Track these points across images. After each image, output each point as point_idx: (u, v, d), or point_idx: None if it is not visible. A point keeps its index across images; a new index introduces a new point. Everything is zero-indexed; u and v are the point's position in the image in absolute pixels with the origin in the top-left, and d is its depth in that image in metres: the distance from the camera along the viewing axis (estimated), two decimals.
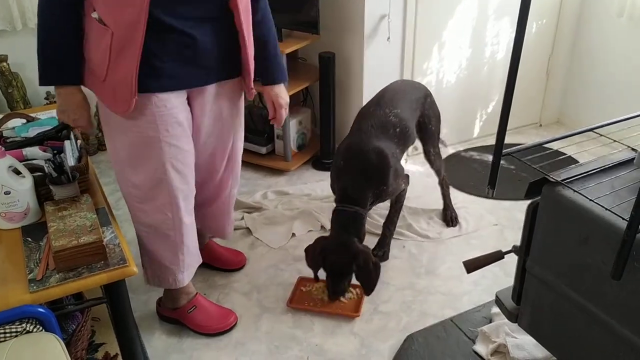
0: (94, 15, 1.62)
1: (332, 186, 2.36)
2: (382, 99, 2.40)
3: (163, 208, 1.84)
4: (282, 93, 2.01)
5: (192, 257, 2.02)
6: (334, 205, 2.26)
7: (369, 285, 2.18)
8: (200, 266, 2.47)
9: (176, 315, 2.16)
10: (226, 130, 1.97)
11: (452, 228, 2.74)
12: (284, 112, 2.04)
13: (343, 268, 2.17)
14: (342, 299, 2.27)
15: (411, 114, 2.41)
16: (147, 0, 1.52)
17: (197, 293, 2.17)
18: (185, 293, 2.13)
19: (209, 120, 1.90)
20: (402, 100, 2.40)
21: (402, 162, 2.44)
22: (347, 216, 2.19)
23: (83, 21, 1.66)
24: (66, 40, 1.66)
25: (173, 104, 1.73)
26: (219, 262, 2.47)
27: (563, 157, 1.78)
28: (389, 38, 3.00)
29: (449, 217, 2.77)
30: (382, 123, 2.28)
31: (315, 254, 2.20)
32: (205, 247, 2.42)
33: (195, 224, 2.00)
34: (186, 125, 1.80)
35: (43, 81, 1.70)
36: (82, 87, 1.75)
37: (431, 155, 2.61)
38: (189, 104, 1.82)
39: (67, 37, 1.65)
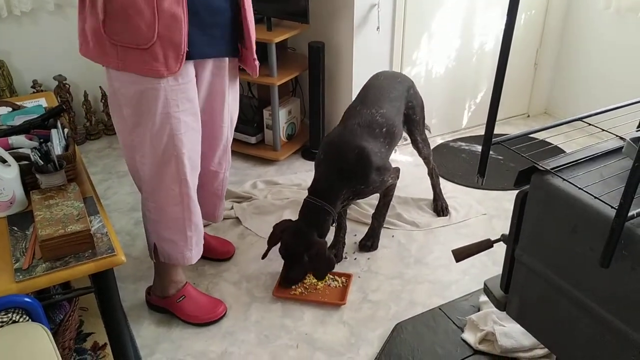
0: None
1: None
2: (366, 97, 2.39)
3: (172, 184, 1.87)
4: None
5: (199, 235, 2.04)
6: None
7: (317, 275, 2.23)
8: None
9: (165, 304, 2.16)
10: (226, 109, 2.03)
11: (441, 218, 2.75)
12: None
13: (293, 254, 2.21)
14: (322, 283, 2.31)
15: (397, 112, 2.41)
16: None
17: (186, 282, 2.17)
18: (175, 282, 2.13)
19: (205, 95, 1.95)
20: (387, 99, 2.39)
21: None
22: (312, 209, 2.20)
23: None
24: None
25: (185, 78, 1.77)
26: (208, 252, 2.46)
27: (550, 146, 1.79)
28: (378, 28, 2.99)
29: (440, 208, 2.79)
30: (369, 123, 2.27)
31: (276, 232, 2.26)
32: None
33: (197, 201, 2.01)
34: (195, 102, 1.84)
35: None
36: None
37: (419, 143, 2.63)
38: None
39: None
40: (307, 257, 2.18)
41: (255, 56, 1.97)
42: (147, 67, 1.70)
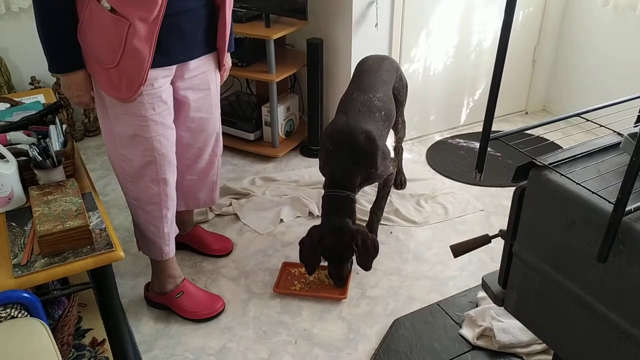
0: (105, 5, 1.64)
1: (321, 169, 2.36)
2: (362, 83, 2.41)
3: (151, 184, 1.91)
4: (228, 58, 2.12)
5: (171, 228, 2.06)
6: (323, 191, 2.26)
7: (367, 263, 2.23)
8: (188, 252, 2.47)
9: (164, 300, 2.16)
10: (214, 102, 2.06)
11: (438, 213, 2.76)
12: (225, 75, 2.13)
13: (343, 251, 2.19)
14: (327, 281, 2.30)
15: (390, 96, 2.46)
16: None
17: (184, 279, 2.17)
18: (173, 277, 2.13)
19: (195, 94, 1.98)
20: (381, 82, 2.43)
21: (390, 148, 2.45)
22: (338, 201, 2.19)
23: (79, 6, 1.69)
24: (68, 29, 1.70)
25: (160, 82, 1.80)
26: (206, 248, 2.47)
27: (548, 142, 1.79)
28: (376, 24, 2.99)
29: (399, 181, 2.92)
30: (368, 107, 2.29)
31: (314, 243, 2.18)
32: (192, 233, 2.45)
33: (175, 195, 2.04)
34: (170, 103, 1.88)
35: (53, 69, 1.79)
36: None
37: (399, 124, 2.70)
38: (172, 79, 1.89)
39: (69, 26, 1.70)
40: (355, 247, 2.18)
41: (226, 61, 2.04)
42: (106, 85, 1.76)
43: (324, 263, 2.26)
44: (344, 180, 2.20)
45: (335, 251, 2.19)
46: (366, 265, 2.23)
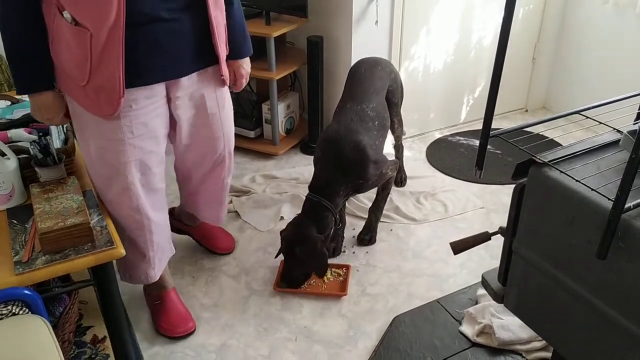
0: (66, 15, 1.51)
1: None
2: (355, 94, 2.39)
3: (130, 211, 1.79)
4: (244, 63, 1.99)
5: (163, 252, 1.97)
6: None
7: (316, 272, 2.26)
8: (190, 247, 2.48)
9: (147, 299, 2.17)
10: (215, 121, 1.91)
11: (438, 211, 2.76)
12: (244, 81, 2.02)
13: (289, 248, 2.21)
14: (327, 278, 2.32)
15: (383, 105, 2.44)
16: None
17: (172, 288, 2.13)
18: (159, 285, 2.10)
19: (190, 113, 1.84)
20: (374, 92, 2.41)
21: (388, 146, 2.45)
22: (312, 205, 2.22)
23: (47, 22, 1.56)
24: (34, 46, 1.56)
25: (141, 103, 1.65)
26: (209, 243, 2.46)
27: (547, 140, 1.79)
28: (377, 22, 2.99)
29: (399, 178, 2.93)
30: (361, 118, 2.29)
31: (287, 244, 2.24)
32: (199, 227, 2.45)
33: (167, 217, 1.95)
34: (154, 124, 1.73)
35: (19, 90, 1.63)
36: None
37: (395, 124, 2.69)
38: (167, 97, 1.76)
39: (35, 43, 1.56)
40: (298, 250, 2.17)
41: (224, 72, 1.83)
42: (85, 102, 1.62)
43: (330, 261, 2.29)
44: (324, 188, 2.22)
45: (286, 246, 2.23)
46: (315, 272, 2.27)
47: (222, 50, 1.79)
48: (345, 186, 2.22)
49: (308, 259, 2.19)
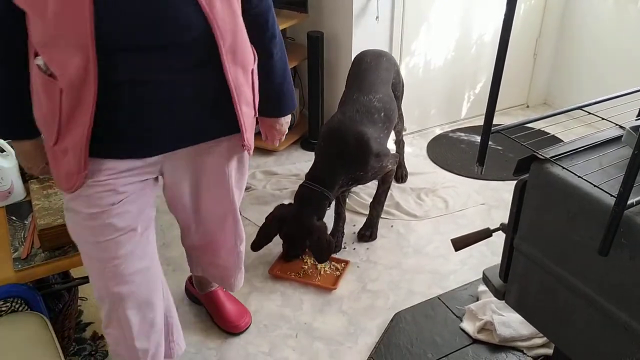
0: (38, 61, 1.24)
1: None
2: (362, 83, 2.39)
3: (101, 301, 1.48)
4: (283, 120, 1.73)
5: (151, 347, 1.57)
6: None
7: (319, 257, 2.27)
8: None
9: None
10: (220, 198, 1.60)
11: (439, 207, 2.75)
12: (280, 139, 1.80)
13: (296, 241, 2.26)
14: (323, 270, 2.34)
15: (390, 95, 2.45)
16: (92, 39, 1.14)
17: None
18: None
19: (190, 189, 1.55)
20: (380, 82, 2.42)
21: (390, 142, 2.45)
22: (310, 194, 2.23)
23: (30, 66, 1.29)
24: (12, 90, 1.32)
25: (119, 174, 1.36)
26: (219, 319, 2.08)
27: (548, 136, 1.79)
28: (377, 17, 2.98)
29: (400, 174, 2.91)
30: (367, 109, 2.30)
31: (273, 222, 2.26)
32: (209, 295, 2.09)
33: (160, 304, 1.56)
34: (134, 197, 1.40)
35: None
36: None
37: (396, 119, 2.67)
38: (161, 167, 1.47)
39: (13, 86, 1.31)
40: (309, 242, 2.23)
41: (246, 142, 1.49)
42: (52, 164, 1.38)
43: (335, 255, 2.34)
44: (323, 177, 2.23)
45: (290, 240, 2.28)
46: (317, 258, 2.28)
47: (245, 116, 1.44)
48: (345, 176, 2.24)
49: (317, 249, 2.23)
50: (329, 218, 2.34)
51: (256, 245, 2.30)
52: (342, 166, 2.21)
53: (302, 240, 2.25)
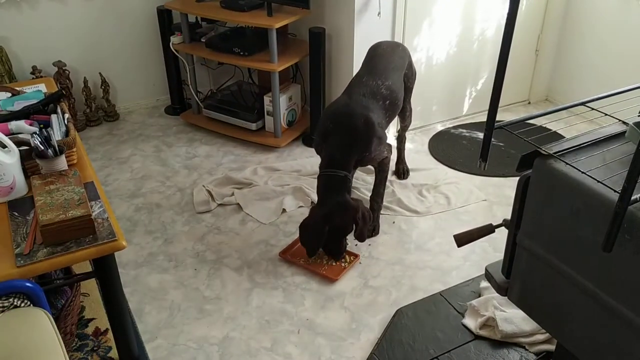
0: None
1: (317, 146, 2.41)
2: (374, 68, 2.43)
3: None
4: None
5: None
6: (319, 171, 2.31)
7: (363, 234, 2.31)
8: (191, 241, 2.47)
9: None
10: None
11: (441, 203, 2.75)
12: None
13: (347, 226, 2.27)
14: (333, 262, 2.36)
15: (400, 84, 2.47)
16: None
17: None
18: None
19: None
20: (392, 69, 2.44)
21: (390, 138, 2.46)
22: (337, 180, 2.25)
23: None
24: None
25: None
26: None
27: (550, 132, 1.78)
28: (379, 13, 2.97)
29: (401, 170, 2.93)
30: (373, 94, 2.33)
31: (319, 222, 2.24)
32: None
33: None
34: None
35: None
36: None
37: (406, 112, 2.73)
38: None
39: None
40: (357, 220, 2.27)
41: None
42: None
43: None
44: (342, 161, 2.26)
45: (341, 227, 2.27)
46: (362, 237, 2.31)
47: None
48: (355, 157, 2.28)
49: (364, 226, 2.28)
50: None
51: (313, 251, 2.31)
52: (353, 148, 2.26)
53: (352, 223, 2.27)
